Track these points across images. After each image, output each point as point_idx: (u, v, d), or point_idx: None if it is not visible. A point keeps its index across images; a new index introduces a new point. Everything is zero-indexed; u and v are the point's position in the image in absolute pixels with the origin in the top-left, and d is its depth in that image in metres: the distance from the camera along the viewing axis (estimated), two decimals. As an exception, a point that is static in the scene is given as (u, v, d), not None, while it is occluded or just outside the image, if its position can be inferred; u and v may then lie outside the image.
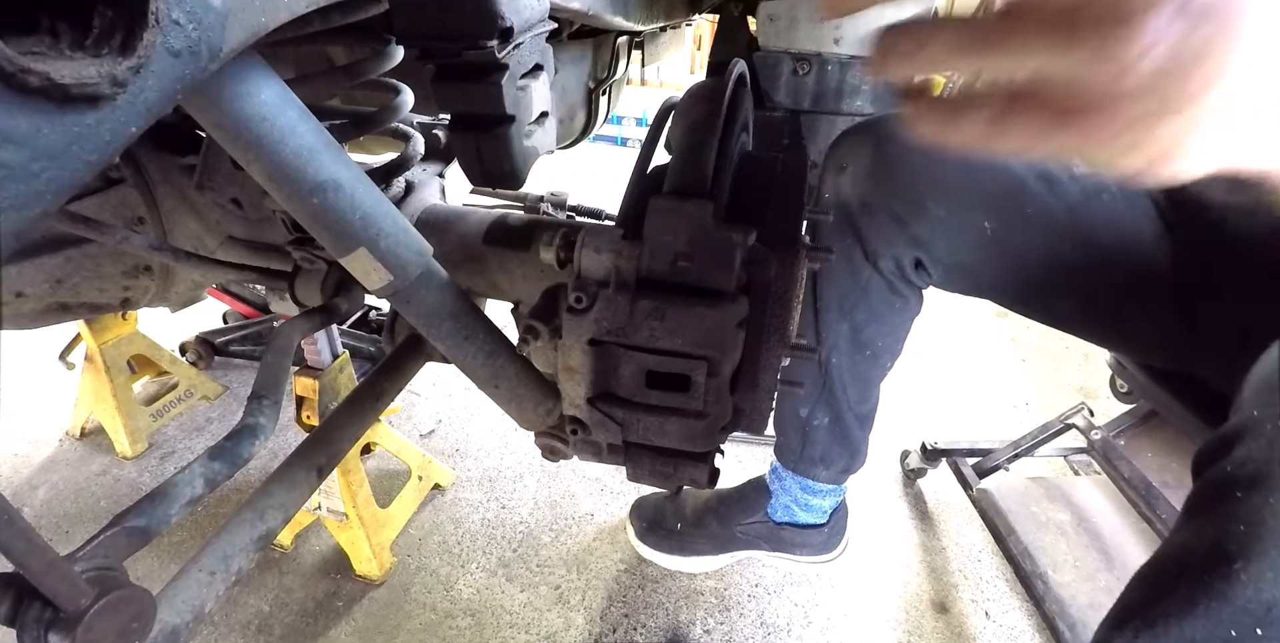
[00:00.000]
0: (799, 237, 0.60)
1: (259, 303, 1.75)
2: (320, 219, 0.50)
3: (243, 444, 0.59)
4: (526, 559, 1.27)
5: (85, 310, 0.96)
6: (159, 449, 1.51)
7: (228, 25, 0.29)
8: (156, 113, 0.28)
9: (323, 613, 1.16)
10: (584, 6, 0.71)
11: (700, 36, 3.89)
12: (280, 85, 0.45)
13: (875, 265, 0.92)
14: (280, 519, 0.62)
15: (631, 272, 0.55)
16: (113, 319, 1.38)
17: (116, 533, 0.48)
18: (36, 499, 1.38)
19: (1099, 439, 1.24)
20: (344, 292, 0.78)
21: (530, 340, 0.60)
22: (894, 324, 1.00)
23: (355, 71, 0.69)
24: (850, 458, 1.10)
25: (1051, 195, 0.82)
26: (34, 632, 0.41)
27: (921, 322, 1.03)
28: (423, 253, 0.56)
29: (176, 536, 1.29)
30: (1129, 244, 0.82)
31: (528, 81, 0.64)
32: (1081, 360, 1.97)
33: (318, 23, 0.56)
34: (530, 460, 1.50)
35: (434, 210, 0.78)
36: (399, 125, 0.84)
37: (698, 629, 1.15)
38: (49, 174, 0.24)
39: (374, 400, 0.76)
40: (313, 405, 1.08)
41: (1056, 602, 1.10)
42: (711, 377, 0.55)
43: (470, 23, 0.54)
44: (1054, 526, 1.27)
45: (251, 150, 0.44)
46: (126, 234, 0.77)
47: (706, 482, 0.65)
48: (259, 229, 0.83)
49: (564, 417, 0.64)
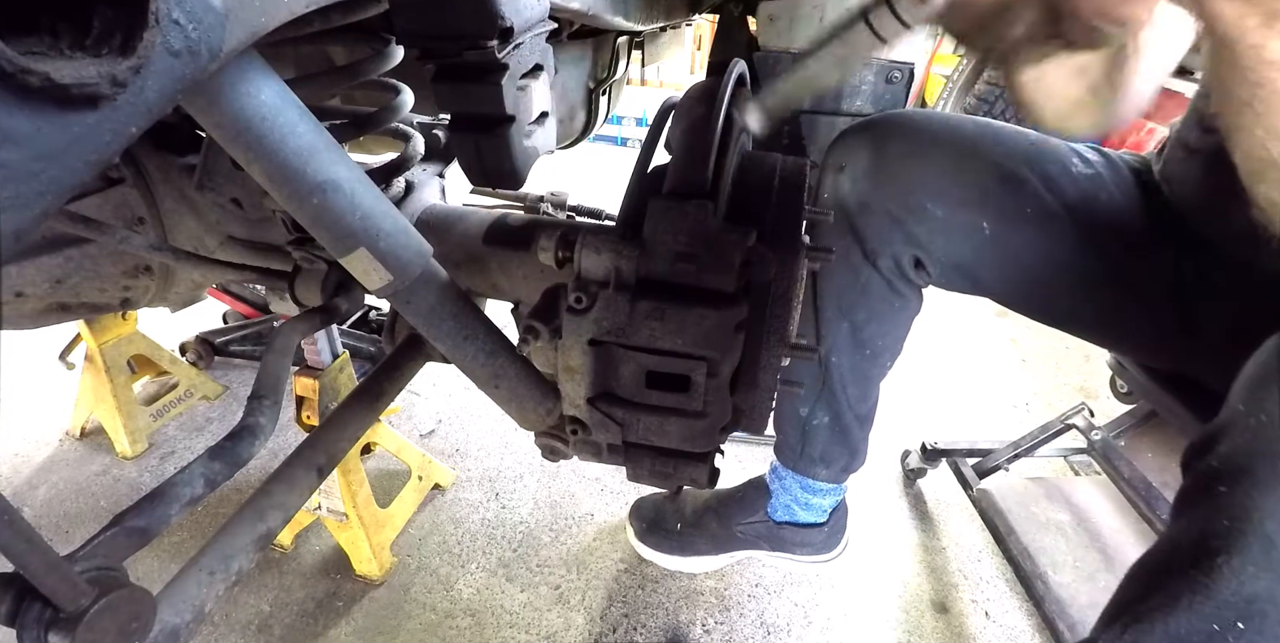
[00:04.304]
0: (799, 237, 0.60)
1: (259, 303, 1.75)
2: (320, 219, 0.50)
3: (243, 444, 0.59)
4: (526, 559, 1.27)
5: (85, 310, 0.96)
6: (159, 449, 1.51)
7: (228, 25, 0.29)
8: (156, 113, 0.28)
9: (323, 613, 1.16)
10: (584, 6, 0.71)
11: (700, 36, 3.89)
12: (280, 85, 0.45)
13: (874, 265, 0.92)
14: (280, 519, 0.62)
15: (631, 272, 0.55)
16: (113, 319, 1.38)
17: (116, 533, 0.48)
18: (36, 499, 1.38)
19: (1099, 440, 1.24)
20: (344, 292, 0.78)
21: (530, 340, 0.60)
22: (893, 323, 1.00)
23: (355, 71, 0.70)
24: (850, 457, 1.10)
25: (1050, 194, 0.82)
26: (34, 632, 0.41)
27: (921, 322, 1.03)
28: (423, 253, 0.56)
29: (176, 536, 1.29)
30: (1126, 244, 0.82)
31: (528, 81, 0.64)
32: (1081, 361, 1.97)
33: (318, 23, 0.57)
34: (530, 460, 1.50)
35: (434, 210, 0.78)
36: (399, 125, 0.85)
37: (698, 629, 1.15)
38: (49, 174, 0.24)
39: (374, 400, 0.76)
40: (313, 405, 1.08)
41: (1056, 602, 1.10)
42: (711, 377, 0.55)
43: (470, 23, 0.54)
44: (1054, 526, 1.27)
45: (251, 150, 0.44)
46: (126, 234, 0.77)
47: (706, 482, 0.65)
48: (259, 229, 0.83)
49: (564, 417, 0.65)
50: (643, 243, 0.54)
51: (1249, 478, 0.41)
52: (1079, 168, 0.84)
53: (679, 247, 0.53)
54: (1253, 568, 0.39)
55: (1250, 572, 0.39)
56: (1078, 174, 0.83)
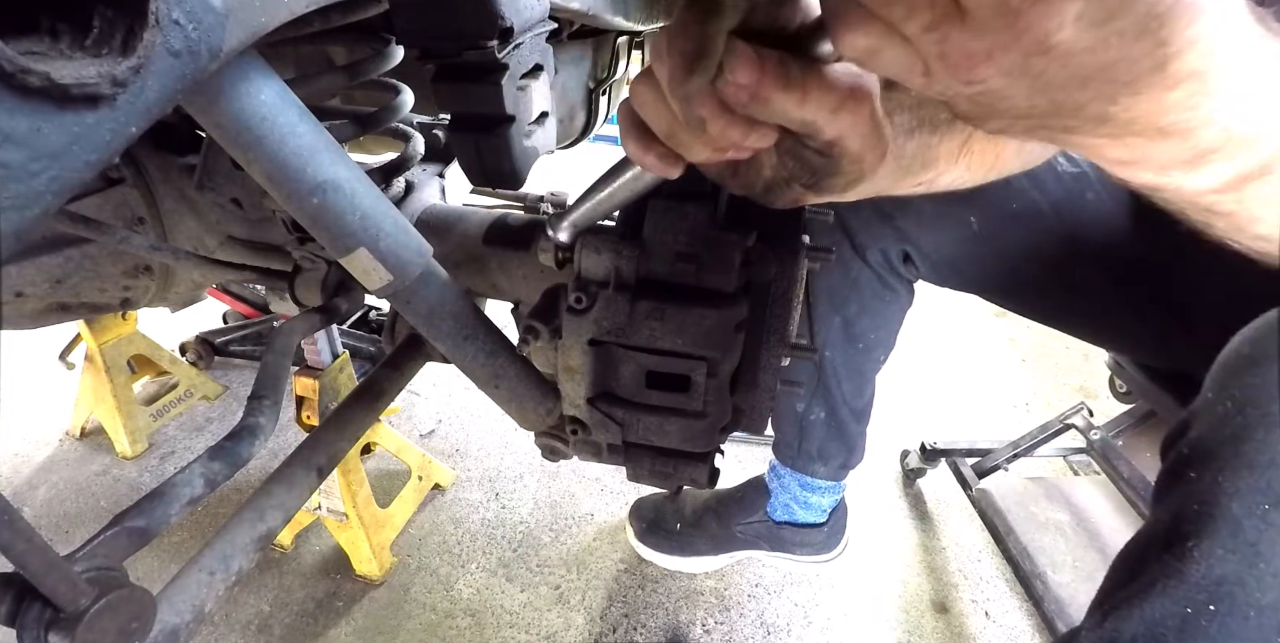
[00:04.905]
0: (799, 237, 0.60)
1: (259, 303, 1.75)
2: (320, 219, 0.50)
3: (243, 444, 0.59)
4: (526, 559, 1.27)
5: (85, 310, 0.96)
6: (159, 449, 1.51)
7: (228, 25, 0.29)
8: (156, 113, 0.28)
9: (323, 613, 1.16)
10: (584, 6, 0.71)
11: (700, 36, 3.88)
12: (280, 85, 0.45)
13: (864, 258, 0.92)
14: (280, 519, 0.62)
15: (631, 272, 0.55)
16: (113, 319, 1.38)
17: (116, 533, 0.48)
18: (36, 499, 1.38)
19: (1098, 439, 1.24)
20: (344, 292, 0.78)
21: (530, 340, 0.60)
22: (885, 317, 1.00)
23: (355, 71, 0.69)
24: (848, 453, 1.10)
25: (1036, 192, 0.83)
26: (34, 632, 0.41)
27: (920, 321, 1.03)
28: (423, 253, 0.56)
29: (176, 536, 1.29)
30: (1112, 241, 0.82)
31: (528, 81, 0.64)
32: (1081, 360, 1.97)
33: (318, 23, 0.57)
34: (530, 460, 1.50)
35: (434, 210, 0.78)
36: (399, 125, 0.84)
37: (698, 629, 1.15)
38: (49, 174, 0.24)
39: (374, 400, 0.76)
40: (313, 405, 1.08)
41: (1056, 602, 1.10)
42: (711, 377, 0.55)
43: (470, 23, 0.54)
44: (1053, 526, 1.27)
45: (251, 150, 0.44)
46: (126, 234, 0.77)
47: (706, 482, 0.65)
48: (259, 229, 0.83)
49: (564, 417, 0.65)
50: (643, 243, 0.54)
51: (1216, 463, 0.42)
52: (1064, 166, 0.84)
53: (679, 247, 0.53)
54: (1221, 551, 0.39)
55: (1219, 554, 0.39)
56: (1063, 172, 0.83)
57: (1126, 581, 0.44)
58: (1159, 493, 0.47)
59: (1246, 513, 0.39)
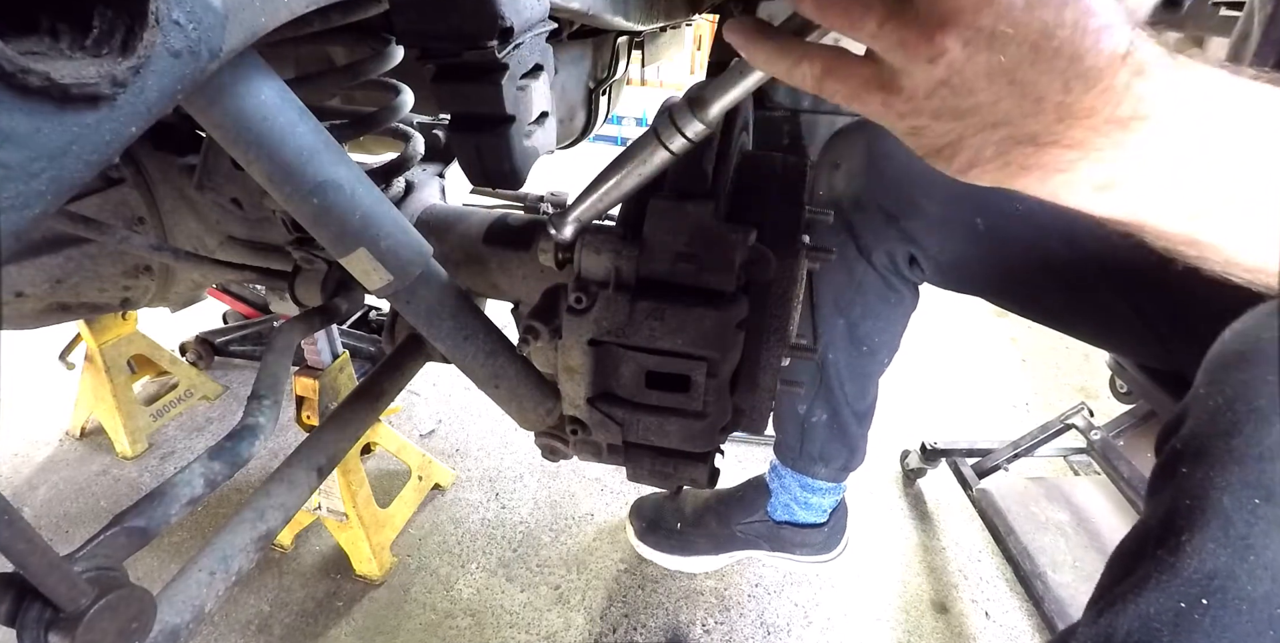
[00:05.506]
0: (799, 236, 0.60)
1: (259, 303, 1.75)
2: (320, 219, 0.50)
3: (243, 444, 0.59)
4: (526, 559, 1.27)
5: (85, 310, 0.96)
6: (159, 449, 1.51)
7: (228, 25, 0.29)
8: (156, 113, 0.28)
9: (323, 613, 1.16)
10: (584, 6, 0.71)
11: (700, 36, 3.88)
12: (280, 85, 0.45)
13: (869, 261, 0.92)
14: (280, 519, 0.62)
15: (631, 272, 0.55)
16: (113, 319, 1.38)
17: (116, 533, 0.48)
18: (36, 499, 1.38)
19: (1098, 439, 1.24)
20: (344, 292, 0.78)
21: (530, 340, 0.60)
22: (890, 320, 1.00)
23: (355, 71, 0.69)
24: (849, 455, 1.10)
25: None
26: (34, 632, 0.41)
27: (921, 321, 1.03)
28: (423, 253, 0.56)
29: (176, 536, 1.29)
30: (1116, 242, 0.82)
31: (528, 81, 0.64)
32: (1081, 361, 1.97)
33: (318, 23, 0.57)
34: (530, 460, 1.50)
35: (434, 210, 0.78)
36: (399, 125, 0.84)
37: (698, 629, 1.15)
38: (49, 174, 0.24)
39: (374, 400, 0.76)
40: (313, 405, 1.08)
41: (1056, 602, 1.10)
42: (711, 377, 0.55)
43: (470, 23, 0.54)
44: (1053, 526, 1.27)
45: (251, 150, 0.44)
46: (126, 234, 0.77)
47: (706, 482, 0.65)
48: (259, 229, 0.83)
49: (564, 417, 0.65)
50: (643, 243, 0.54)
51: (1207, 457, 0.42)
52: None
53: (679, 246, 0.53)
54: (1212, 545, 0.40)
55: (1210, 549, 0.40)
56: None
57: (1121, 577, 0.44)
58: (1153, 489, 0.47)
59: (1237, 507, 0.39)
